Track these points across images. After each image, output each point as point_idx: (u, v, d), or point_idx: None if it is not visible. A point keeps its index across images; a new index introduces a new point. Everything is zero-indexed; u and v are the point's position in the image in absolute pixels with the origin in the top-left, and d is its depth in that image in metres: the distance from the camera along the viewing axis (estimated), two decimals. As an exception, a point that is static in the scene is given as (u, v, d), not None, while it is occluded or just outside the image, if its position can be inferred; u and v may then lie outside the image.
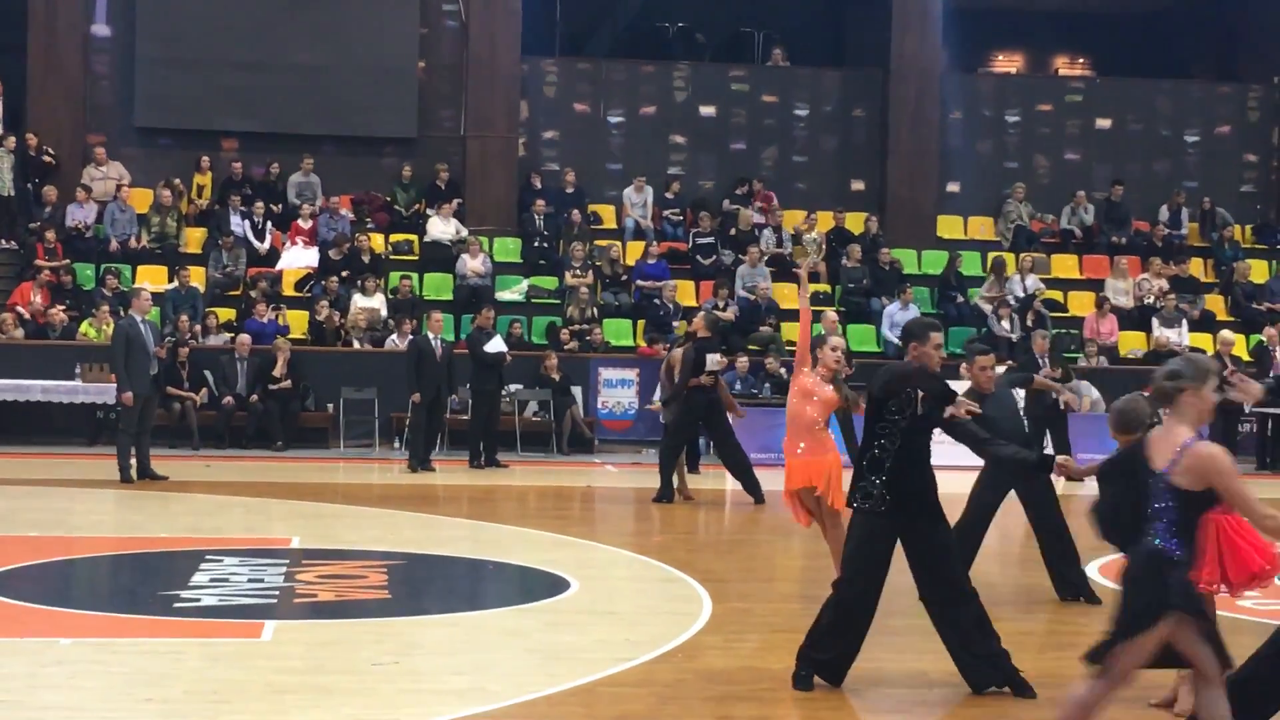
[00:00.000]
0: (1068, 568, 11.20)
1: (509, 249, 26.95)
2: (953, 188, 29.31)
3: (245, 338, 23.16)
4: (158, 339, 18.31)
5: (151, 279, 24.60)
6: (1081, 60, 32.97)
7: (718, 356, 17.47)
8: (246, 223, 25.93)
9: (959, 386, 8.58)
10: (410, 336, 23.55)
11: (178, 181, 26.27)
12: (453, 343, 21.59)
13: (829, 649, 8.14)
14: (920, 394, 8.02)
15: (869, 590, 8.14)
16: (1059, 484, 11.23)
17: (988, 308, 25.90)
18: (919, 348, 8.14)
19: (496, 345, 21.15)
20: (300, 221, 26.14)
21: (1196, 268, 28.11)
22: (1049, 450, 18.89)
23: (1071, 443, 20.24)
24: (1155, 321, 26.24)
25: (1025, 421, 11.55)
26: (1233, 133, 30.36)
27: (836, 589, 8.23)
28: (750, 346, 24.63)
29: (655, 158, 28.62)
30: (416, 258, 26.51)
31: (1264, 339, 24.09)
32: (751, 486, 17.12)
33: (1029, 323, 24.91)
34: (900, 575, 12.06)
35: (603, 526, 16.05)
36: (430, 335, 20.73)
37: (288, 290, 25.35)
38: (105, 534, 14.22)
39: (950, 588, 8.15)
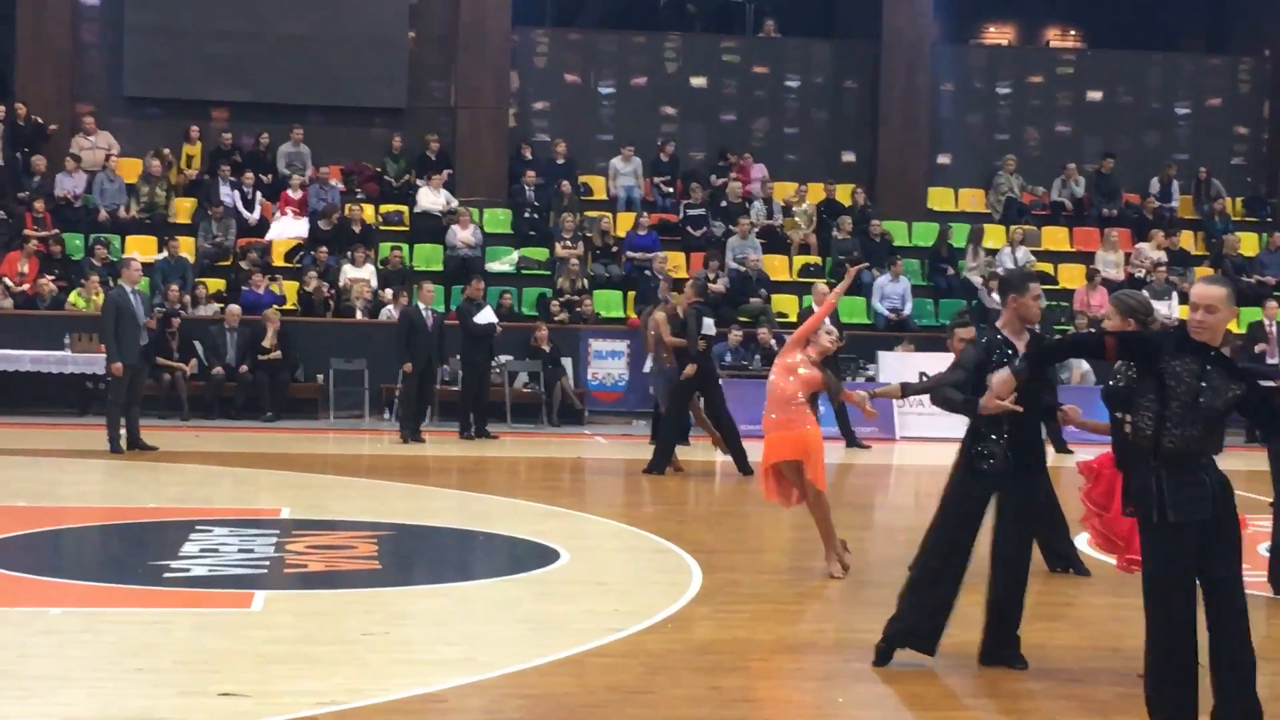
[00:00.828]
0: (1057, 539, 11.21)
1: (499, 220, 26.92)
2: (943, 160, 29.31)
3: (235, 309, 23.13)
4: (148, 309, 18.28)
5: (141, 249, 24.55)
6: (1073, 32, 32.92)
7: (713, 321, 17.39)
8: (236, 193, 25.88)
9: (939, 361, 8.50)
10: (404, 304, 23.56)
11: (167, 151, 26.22)
12: (443, 313, 21.55)
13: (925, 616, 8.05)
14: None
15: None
16: (1049, 455, 11.22)
17: (978, 280, 25.90)
18: (1018, 299, 8.07)
19: (487, 316, 21.12)
20: (290, 192, 26.09)
21: (1187, 240, 28.12)
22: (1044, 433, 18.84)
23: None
24: (1145, 294, 26.21)
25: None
26: (1223, 105, 30.36)
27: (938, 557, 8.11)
28: (741, 319, 24.62)
29: (646, 129, 28.57)
30: (407, 228, 26.48)
31: (1264, 318, 24.12)
32: (739, 458, 17.12)
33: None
34: (893, 546, 12.08)
35: (593, 497, 16.06)
36: (421, 306, 20.70)
37: (277, 261, 25.32)
38: (94, 504, 14.21)
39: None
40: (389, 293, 24.18)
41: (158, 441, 17.87)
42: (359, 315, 23.97)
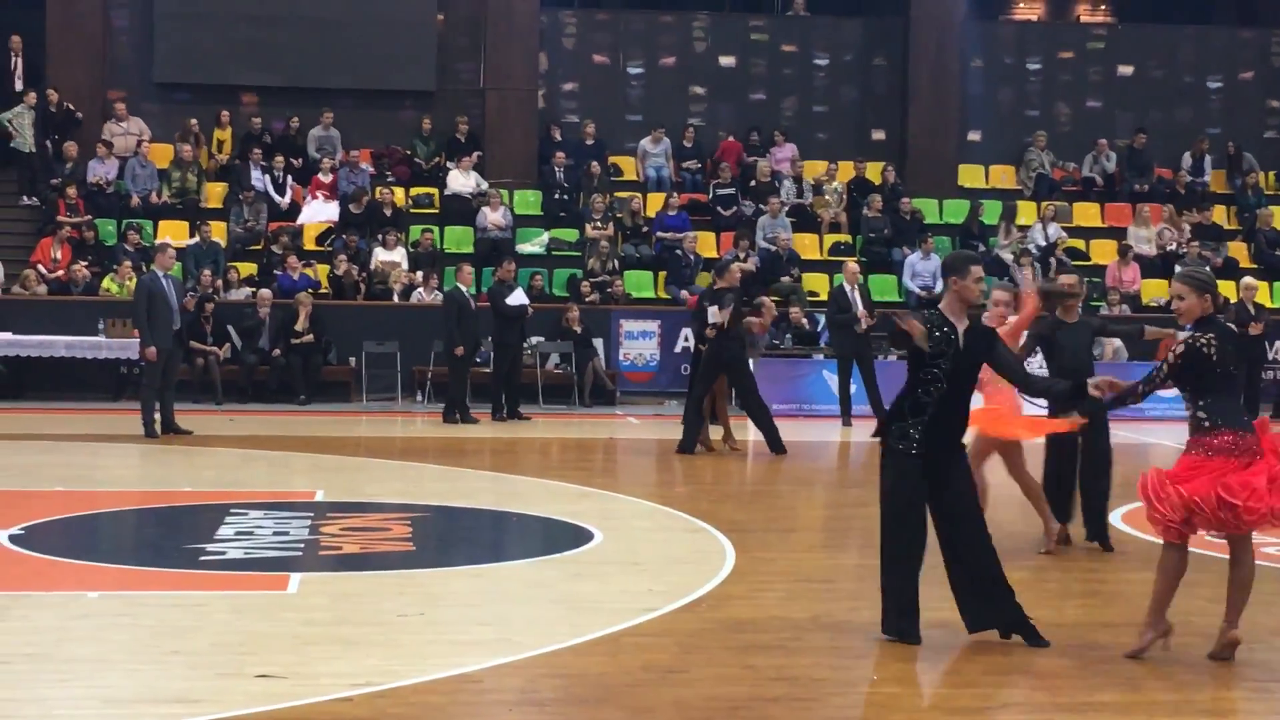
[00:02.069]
0: (1099, 509, 11.20)
1: (529, 202, 26.92)
2: (974, 136, 29.19)
3: (266, 292, 23.20)
4: (180, 294, 18.34)
5: (173, 234, 24.63)
6: (1103, 7, 32.71)
7: (717, 309, 17.29)
8: (267, 177, 25.94)
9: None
10: (435, 290, 23.59)
11: (193, 122, 26.25)
12: (482, 293, 21.53)
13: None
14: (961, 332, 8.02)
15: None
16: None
17: (1009, 257, 25.81)
18: (959, 282, 8.12)
19: (518, 298, 21.13)
20: (320, 175, 26.14)
21: (1219, 215, 27.97)
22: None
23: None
24: (1178, 269, 26.08)
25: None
26: (1255, 79, 30.16)
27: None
28: (773, 298, 24.57)
29: (675, 109, 28.53)
30: (437, 211, 26.51)
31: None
32: (772, 438, 17.12)
33: (1051, 273, 24.74)
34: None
35: (625, 478, 16.08)
36: (463, 288, 20.65)
37: (309, 244, 25.38)
38: (130, 488, 14.28)
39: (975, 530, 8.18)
40: (419, 275, 24.22)
41: (192, 425, 17.95)
42: (396, 299, 24.01)
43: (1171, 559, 7.79)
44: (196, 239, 24.49)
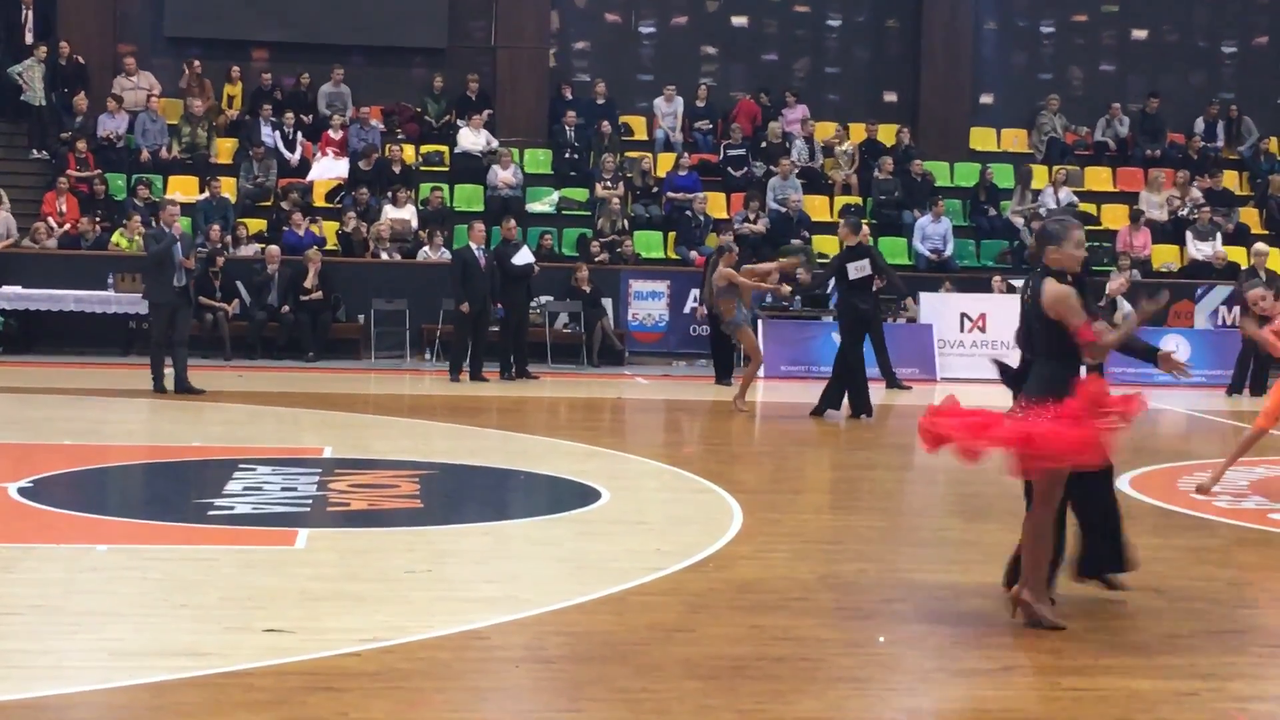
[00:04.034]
0: None
1: (539, 160, 26.88)
2: (986, 99, 29.10)
3: (274, 249, 23.20)
4: (186, 249, 18.28)
5: (183, 189, 24.65)
6: (1118, -30, 32.59)
7: (863, 263, 17.17)
8: (277, 133, 25.91)
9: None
10: (441, 248, 23.58)
11: (197, 64, 26.17)
12: (489, 252, 21.50)
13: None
14: None
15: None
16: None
17: (1019, 221, 25.77)
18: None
19: (524, 257, 21.12)
20: (330, 132, 26.10)
21: (1231, 180, 27.88)
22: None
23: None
24: (1189, 235, 26.07)
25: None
26: (1270, 44, 30.03)
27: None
28: (781, 259, 24.51)
29: (686, 68, 28.45)
30: (447, 169, 26.48)
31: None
32: (860, 401, 16.96)
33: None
34: (933, 486, 12.10)
35: (633, 438, 16.08)
36: (473, 246, 20.61)
37: (318, 201, 25.37)
38: (139, 442, 14.32)
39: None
40: (423, 233, 24.21)
41: (200, 382, 17.90)
42: (385, 256, 23.98)
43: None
44: (206, 194, 24.48)
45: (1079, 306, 7.55)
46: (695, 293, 22.96)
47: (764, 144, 27.06)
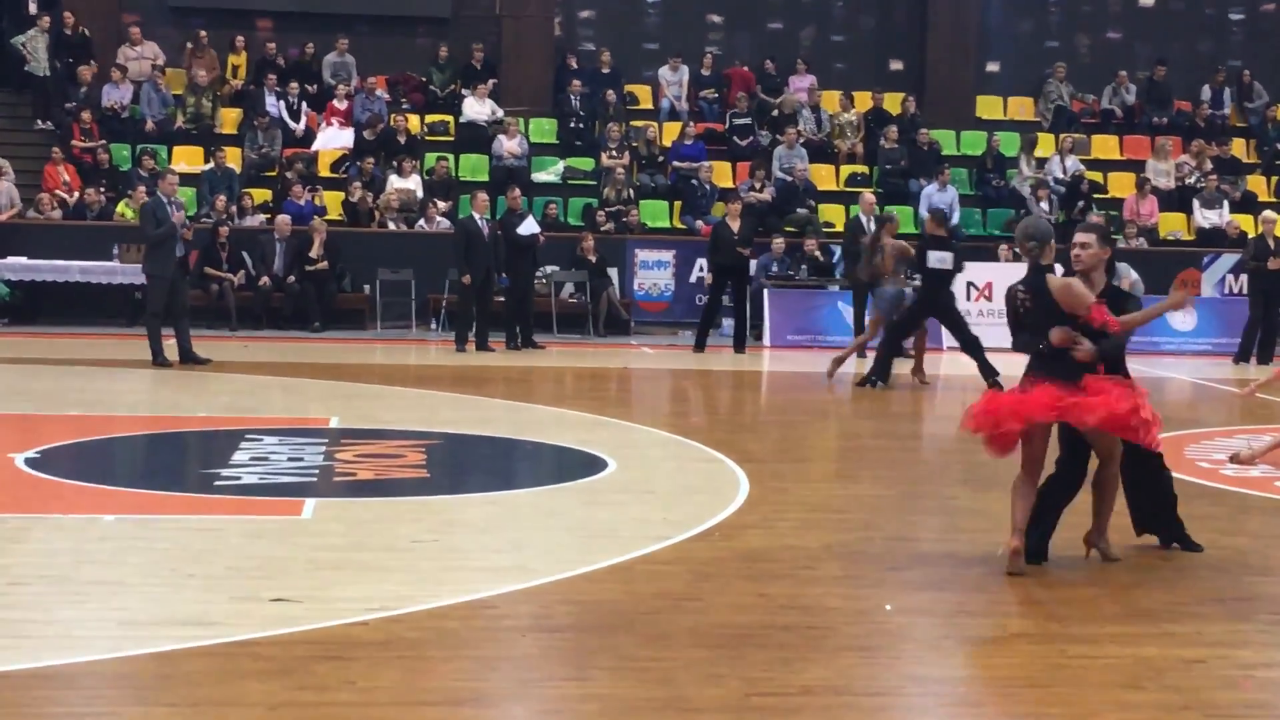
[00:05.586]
0: None
1: (545, 130, 26.82)
2: (992, 67, 29.00)
3: (285, 219, 23.18)
4: (181, 220, 18.18)
5: (187, 159, 24.63)
6: (1125, -65, 32.46)
7: (946, 255, 17.12)
8: (281, 103, 25.86)
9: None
10: (438, 218, 23.55)
11: (203, 35, 26.12)
12: (494, 222, 21.46)
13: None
14: None
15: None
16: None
17: (1026, 189, 25.70)
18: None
19: (529, 227, 21.08)
20: (335, 102, 26.05)
21: (1239, 148, 27.80)
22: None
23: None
24: (1196, 203, 26.01)
25: None
26: (1278, 10, 29.89)
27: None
28: (787, 229, 24.51)
29: (692, 37, 28.36)
30: (452, 139, 26.42)
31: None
32: (985, 367, 16.98)
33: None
34: (940, 455, 12.10)
35: (639, 407, 16.09)
36: (476, 216, 20.57)
37: (323, 171, 25.34)
38: (145, 413, 14.32)
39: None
40: (433, 203, 24.17)
41: (206, 352, 17.87)
42: (391, 226, 23.97)
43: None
44: (211, 165, 24.45)
45: (1086, 291, 7.80)
46: (702, 262, 22.95)
47: (775, 113, 26.96)
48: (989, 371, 16.64)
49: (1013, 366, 9.18)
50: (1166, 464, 8.69)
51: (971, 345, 17.01)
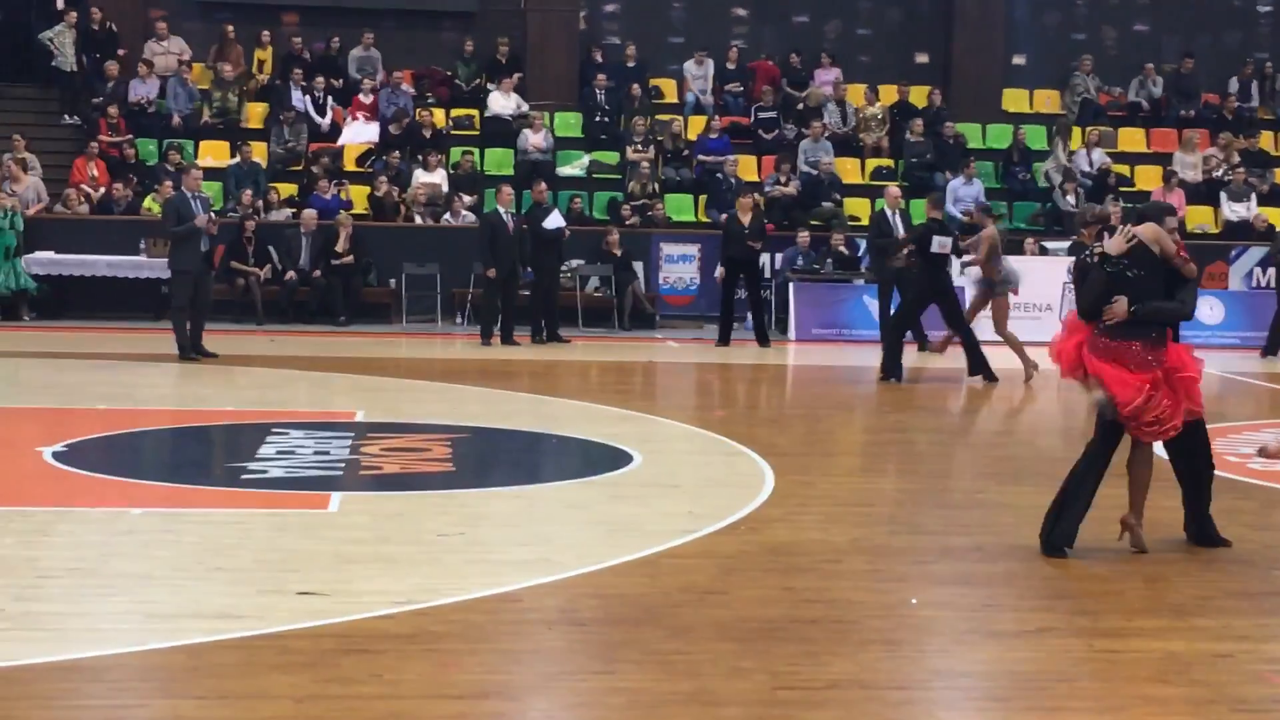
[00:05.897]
0: None
1: (570, 124, 26.82)
2: (1018, 60, 28.91)
3: (311, 213, 23.24)
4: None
5: (214, 154, 24.69)
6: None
7: (946, 239, 17.12)
8: (307, 98, 25.90)
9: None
10: (463, 212, 23.57)
11: (229, 29, 26.16)
12: (520, 216, 21.45)
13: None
14: None
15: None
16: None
17: (1057, 178, 25.62)
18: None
19: (555, 221, 21.09)
20: (361, 96, 26.09)
21: (1266, 141, 27.68)
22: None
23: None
24: (1223, 196, 25.91)
25: None
26: (1306, 3, 29.76)
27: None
28: (813, 222, 24.48)
29: (717, 31, 28.33)
30: (478, 133, 26.45)
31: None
32: (978, 362, 16.90)
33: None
34: (967, 450, 12.05)
35: (665, 401, 16.08)
36: (501, 210, 20.59)
37: (349, 165, 25.38)
38: (171, 407, 14.37)
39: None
40: (458, 197, 24.20)
41: (232, 346, 17.95)
42: (418, 220, 24.02)
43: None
44: (237, 159, 24.51)
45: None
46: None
47: (800, 106, 26.91)
48: (979, 365, 16.64)
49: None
50: (1214, 462, 8.77)
51: (964, 331, 17.01)
